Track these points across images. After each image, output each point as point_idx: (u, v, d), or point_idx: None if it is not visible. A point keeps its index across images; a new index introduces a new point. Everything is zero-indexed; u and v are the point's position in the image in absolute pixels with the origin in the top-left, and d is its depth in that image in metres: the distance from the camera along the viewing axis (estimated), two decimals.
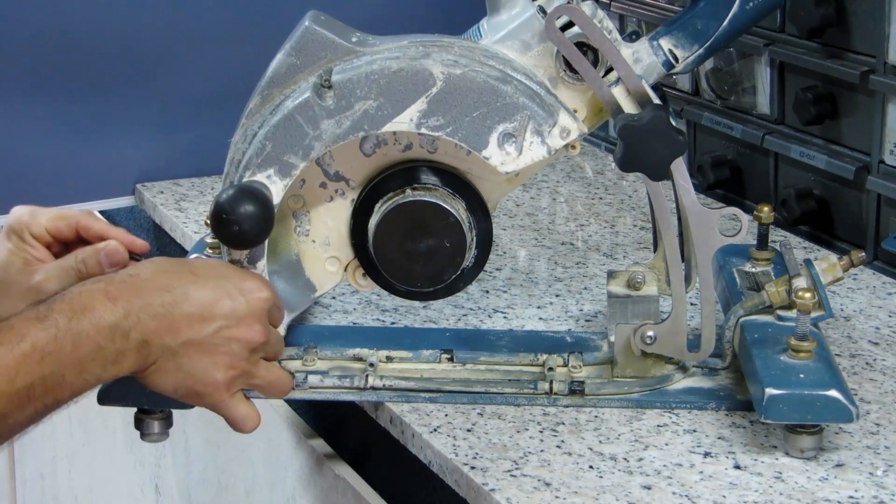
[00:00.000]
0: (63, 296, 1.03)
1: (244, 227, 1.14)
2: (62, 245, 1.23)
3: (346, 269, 1.27)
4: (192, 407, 1.24)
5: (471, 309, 1.47)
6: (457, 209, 1.21)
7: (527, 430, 1.22)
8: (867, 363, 1.34)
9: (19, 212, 1.23)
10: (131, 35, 1.87)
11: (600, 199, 1.82)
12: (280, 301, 1.16)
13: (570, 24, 1.19)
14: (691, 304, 1.36)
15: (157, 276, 1.08)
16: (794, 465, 1.16)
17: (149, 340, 1.05)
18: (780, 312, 1.27)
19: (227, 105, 1.40)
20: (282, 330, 1.24)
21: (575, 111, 1.21)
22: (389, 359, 1.32)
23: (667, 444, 1.20)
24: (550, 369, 1.29)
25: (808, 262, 1.29)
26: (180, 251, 1.75)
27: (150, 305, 1.05)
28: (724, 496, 1.12)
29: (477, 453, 1.18)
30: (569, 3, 1.20)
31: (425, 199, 1.21)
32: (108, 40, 1.85)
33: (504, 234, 1.69)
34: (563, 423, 1.23)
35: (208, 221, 1.21)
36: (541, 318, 1.45)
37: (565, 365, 1.31)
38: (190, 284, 1.08)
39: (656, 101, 1.20)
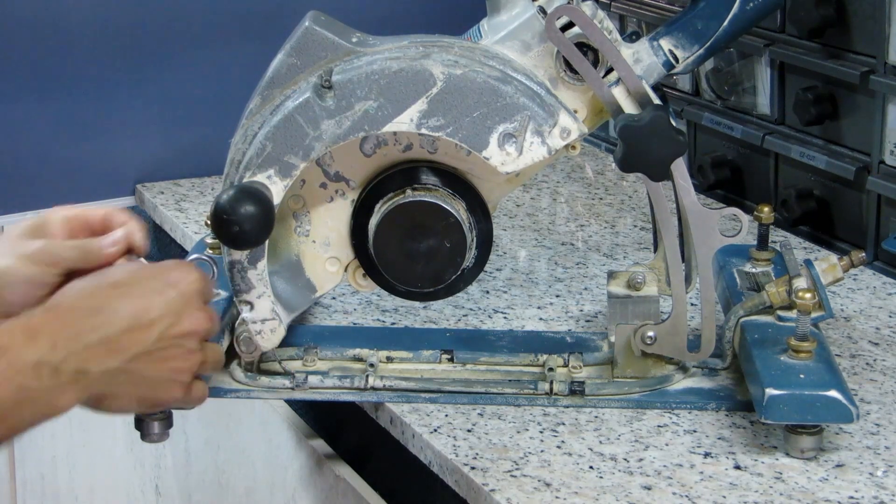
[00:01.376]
0: None
1: (244, 227, 1.14)
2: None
3: (346, 270, 1.27)
4: (192, 407, 1.24)
5: (471, 309, 1.47)
6: (457, 209, 1.21)
7: (527, 430, 1.22)
8: (867, 363, 1.34)
9: (55, 210, 1.17)
10: (132, 35, 1.87)
11: (600, 199, 1.82)
12: (205, 275, 1.11)
13: (570, 25, 1.19)
14: (691, 304, 1.36)
15: (81, 300, 1.02)
16: (795, 466, 1.16)
17: (86, 370, 0.99)
18: (780, 313, 1.27)
19: (228, 105, 1.40)
20: (282, 330, 1.24)
21: (575, 111, 1.21)
22: (390, 359, 1.32)
23: (667, 445, 1.20)
24: (551, 370, 1.29)
25: (808, 263, 1.29)
26: (180, 251, 1.75)
27: (81, 333, 0.99)
28: (724, 496, 1.12)
29: (477, 454, 1.18)
30: (569, 3, 1.20)
31: (425, 199, 1.21)
32: (108, 40, 1.85)
33: (504, 235, 1.69)
34: (564, 424, 1.23)
35: (208, 222, 1.21)
36: (541, 319, 1.45)
37: (565, 365, 1.31)
38: (116, 298, 1.03)
39: (656, 101, 1.20)
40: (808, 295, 1.19)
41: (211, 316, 1.09)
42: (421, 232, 1.21)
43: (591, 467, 1.16)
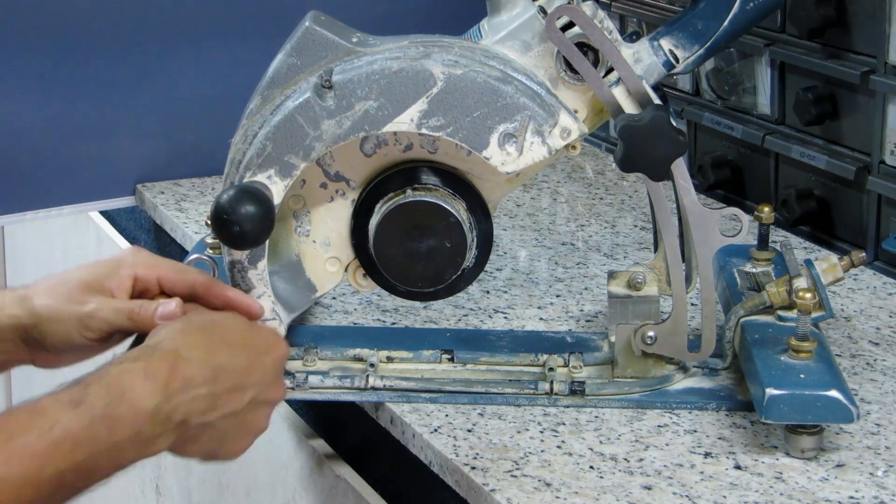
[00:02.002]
0: (99, 376, 0.98)
1: (245, 227, 1.14)
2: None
3: (346, 270, 1.27)
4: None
5: (471, 309, 1.47)
6: (457, 209, 1.21)
7: (527, 430, 1.22)
8: (868, 363, 1.34)
9: (133, 254, 1.17)
10: (132, 35, 1.87)
11: (601, 199, 1.82)
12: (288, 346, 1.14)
13: (570, 25, 1.19)
14: (692, 304, 1.36)
15: (195, 350, 1.04)
16: (795, 466, 1.16)
17: (188, 420, 1.01)
18: (780, 313, 1.27)
19: (228, 105, 1.40)
20: (282, 330, 1.24)
21: (575, 111, 1.21)
22: (390, 359, 1.32)
23: (667, 445, 1.20)
24: (551, 369, 1.29)
25: (808, 263, 1.29)
26: (181, 251, 1.75)
27: (192, 385, 1.01)
28: (724, 496, 1.12)
29: (477, 454, 1.18)
30: (569, 3, 1.20)
31: (426, 199, 1.21)
32: (108, 40, 1.85)
33: (504, 235, 1.69)
34: (564, 424, 1.23)
35: (209, 222, 1.21)
36: (541, 319, 1.45)
37: (566, 365, 1.31)
38: (227, 358, 1.05)
39: (657, 101, 1.20)
40: (808, 295, 1.19)
41: (283, 386, 1.12)
42: (421, 232, 1.21)
43: (591, 467, 1.16)
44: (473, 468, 1.16)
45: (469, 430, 1.22)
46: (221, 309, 1.15)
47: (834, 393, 1.15)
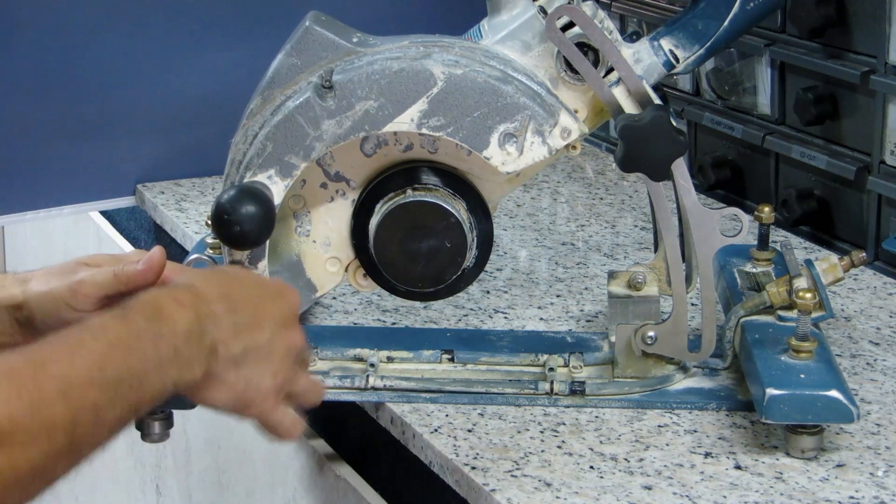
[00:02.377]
0: (135, 300, 1.00)
1: (245, 227, 1.14)
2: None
3: (346, 270, 1.27)
4: (192, 407, 1.23)
5: (471, 309, 1.47)
6: (457, 209, 1.21)
7: (527, 430, 1.22)
8: (868, 363, 1.34)
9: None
10: (132, 35, 1.87)
11: (601, 199, 1.82)
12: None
13: (570, 25, 1.19)
14: (692, 304, 1.36)
15: (212, 286, 1.05)
16: (795, 466, 1.16)
17: (216, 348, 1.02)
18: (780, 313, 1.27)
19: (228, 105, 1.40)
20: None
21: (576, 111, 1.21)
22: (390, 359, 1.32)
23: (667, 445, 1.20)
24: (551, 369, 1.29)
25: (808, 263, 1.29)
26: (181, 251, 1.75)
27: (216, 314, 1.02)
28: (724, 496, 1.12)
29: (478, 454, 1.18)
30: (569, 3, 1.20)
31: (426, 199, 1.21)
32: (109, 40, 1.85)
33: (505, 235, 1.69)
34: (564, 424, 1.23)
35: (209, 222, 1.21)
36: (541, 319, 1.45)
37: (566, 365, 1.31)
38: (240, 291, 1.06)
39: (657, 101, 1.20)
40: (808, 295, 1.19)
41: (302, 336, 1.11)
42: (421, 232, 1.21)
43: (591, 467, 1.16)
44: (474, 468, 1.16)
45: (469, 430, 1.22)
46: None
47: (834, 393, 1.15)
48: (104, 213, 2.08)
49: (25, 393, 0.88)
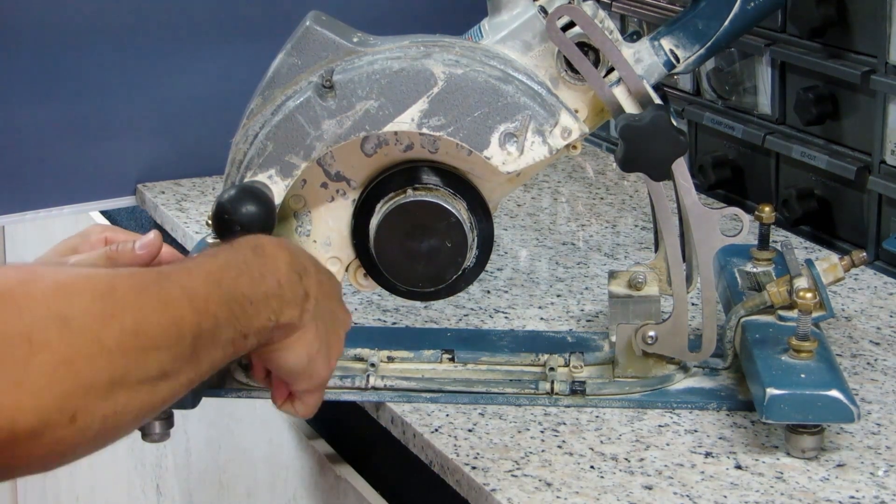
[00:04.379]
0: (238, 238, 1.03)
1: (246, 227, 1.14)
2: None
3: (347, 270, 1.27)
4: (193, 407, 1.24)
5: (472, 309, 1.47)
6: (458, 209, 1.21)
7: (528, 430, 1.22)
8: (868, 363, 1.35)
9: (101, 226, 1.19)
10: (132, 35, 1.87)
11: (601, 199, 1.82)
12: None
13: (571, 25, 1.19)
14: (692, 304, 1.36)
15: (294, 248, 1.07)
16: (796, 466, 1.16)
17: (309, 294, 1.03)
18: (781, 312, 1.27)
19: (228, 105, 1.40)
20: None
21: (576, 111, 1.21)
22: (391, 359, 1.32)
23: (668, 445, 1.20)
24: (552, 369, 1.29)
25: (809, 263, 1.29)
26: (181, 251, 1.75)
27: (306, 267, 1.04)
28: (725, 496, 1.12)
29: (478, 453, 1.18)
30: (570, 3, 1.20)
31: (426, 199, 1.21)
32: (108, 40, 1.85)
33: (505, 235, 1.69)
34: (565, 424, 1.23)
35: (210, 221, 1.21)
36: (542, 319, 1.45)
37: (566, 365, 1.31)
38: (307, 259, 1.08)
39: (657, 101, 1.20)
40: (808, 295, 1.19)
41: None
42: (422, 232, 1.21)
43: (592, 467, 1.16)
44: (474, 468, 1.16)
45: (470, 430, 1.22)
46: None
47: (835, 393, 1.15)
48: (104, 213, 2.08)
49: (154, 296, 0.89)
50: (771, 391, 1.15)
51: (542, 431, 1.22)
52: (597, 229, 1.71)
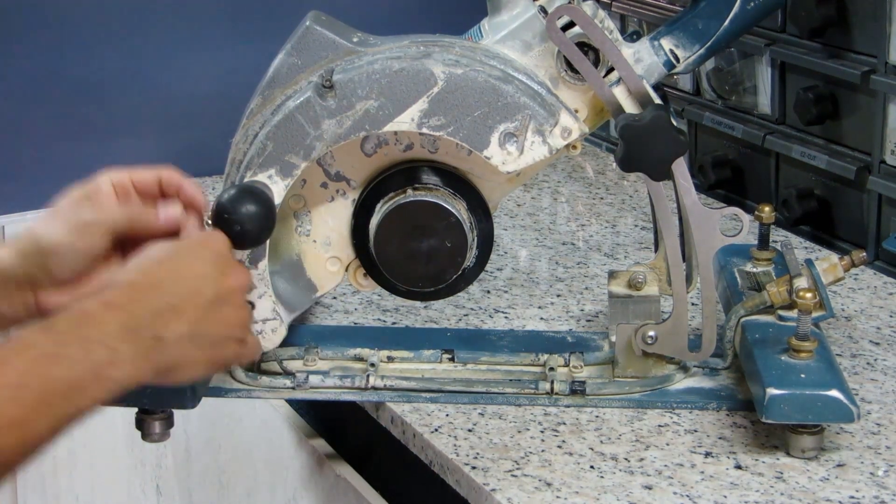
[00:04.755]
0: (63, 312, 1.00)
1: (246, 226, 1.14)
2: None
3: (347, 269, 1.27)
4: (193, 407, 1.24)
5: (472, 309, 1.47)
6: (458, 209, 1.21)
7: (528, 430, 1.22)
8: (868, 363, 1.34)
9: (107, 172, 1.19)
10: (132, 34, 1.87)
11: (601, 199, 1.82)
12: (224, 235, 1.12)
13: (571, 24, 1.19)
14: (692, 304, 1.36)
15: (139, 277, 1.04)
16: (796, 465, 1.16)
17: (161, 336, 1.01)
18: (781, 312, 1.27)
19: (228, 105, 1.40)
20: (283, 330, 1.24)
21: (576, 111, 1.21)
22: (390, 359, 1.32)
23: (668, 444, 1.20)
24: (551, 369, 1.29)
25: (809, 262, 1.29)
26: None
27: (149, 303, 1.02)
28: (725, 496, 1.12)
29: (478, 453, 1.18)
30: (570, 3, 1.20)
31: (426, 199, 1.21)
32: (109, 40, 1.85)
33: (505, 234, 1.69)
34: (565, 423, 1.23)
35: (210, 221, 1.21)
36: (542, 318, 1.45)
37: (566, 365, 1.31)
38: (168, 271, 1.05)
39: (657, 101, 1.20)
40: (808, 294, 1.19)
41: (245, 270, 1.10)
42: (422, 232, 1.21)
43: (591, 467, 1.16)
44: (474, 468, 1.16)
45: (469, 430, 1.22)
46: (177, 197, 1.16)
47: (834, 393, 1.15)
48: None
49: None
50: (771, 391, 1.15)
51: (542, 431, 1.22)
52: (597, 229, 1.71)
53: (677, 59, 1.23)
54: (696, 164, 1.82)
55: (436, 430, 1.22)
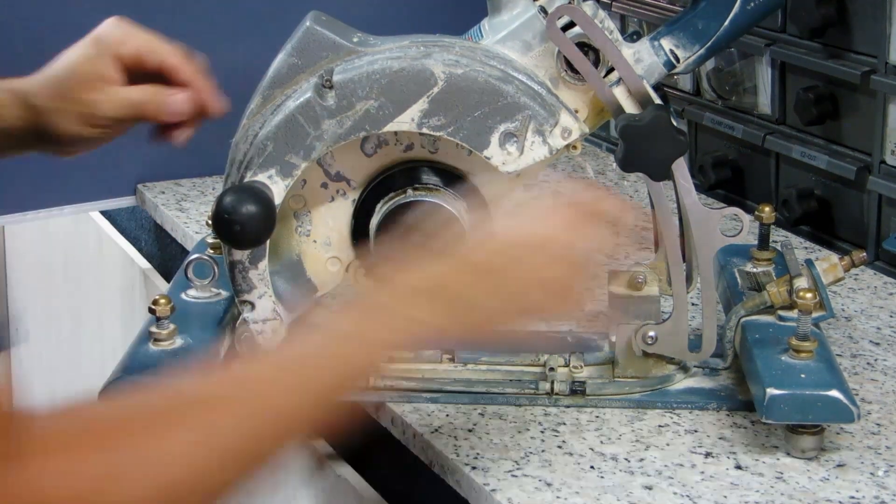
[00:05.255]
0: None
1: (246, 227, 1.14)
2: (137, 75, 1.22)
3: (347, 269, 1.27)
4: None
5: None
6: (458, 209, 1.21)
7: (528, 430, 1.22)
8: (868, 363, 1.34)
9: (112, 27, 1.21)
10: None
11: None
12: None
13: (571, 25, 1.19)
14: (692, 304, 1.36)
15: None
16: (796, 466, 1.16)
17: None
18: (781, 313, 1.27)
19: (228, 105, 1.40)
20: (283, 330, 1.24)
21: (576, 111, 1.21)
22: (391, 359, 1.32)
23: (668, 445, 1.20)
24: (552, 369, 1.29)
25: (809, 263, 1.29)
26: (181, 251, 1.75)
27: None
28: (725, 496, 1.12)
29: (478, 454, 1.18)
30: (570, 3, 1.20)
31: (426, 199, 1.21)
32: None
33: None
34: (565, 424, 1.23)
35: (210, 221, 1.21)
36: (542, 318, 1.44)
37: (566, 365, 1.31)
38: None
39: (657, 101, 1.20)
40: (808, 295, 1.19)
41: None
42: (422, 232, 1.21)
43: (592, 467, 1.16)
44: (474, 468, 1.16)
45: (470, 430, 1.22)
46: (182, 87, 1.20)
47: (834, 393, 1.15)
48: (104, 213, 2.08)
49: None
50: (771, 391, 1.15)
51: (542, 431, 1.22)
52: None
53: (677, 60, 1.23)
54: (696, 164, 1.82)
55: (436, 430, 1.22)
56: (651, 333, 1.26)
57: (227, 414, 0.84)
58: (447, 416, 1.24)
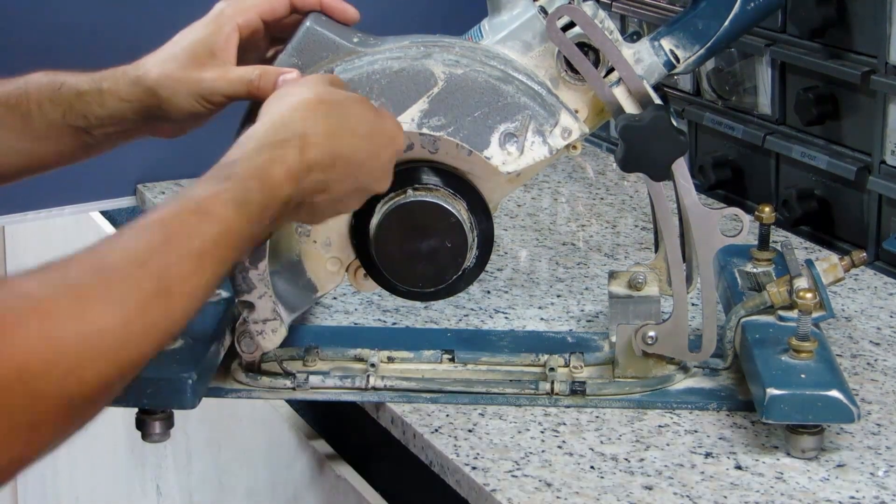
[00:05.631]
0: (252, 167, 1.02)
1: None
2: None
3: (347, 270, 1.27)
4: (193, 407, 1.24)
5: (472, 309, 1.47)
6: (458, 210, 1.21)
7: (528, 430, 1.22)
8: (868, 363, 1.34)
9: (230, 5, 1.24)
10: (132, 34, 1.86)
11: (601, 199, 1.82)
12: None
13: (571, 25, 1.20)
14: (692, 304, 1.36)
15: (320, 136, 1.06)
16: (796, 466, 1.16)
17: (302, 202, 1.06)
18: (781, 313, 1.27)
19: (228, 105, 1.40)
20: (283, 331, 1.24)
21: (576, 111, 1.21)
22: (391, 359, 1.32)
23: (668, 445, 1.20)
24: (552, 370, 1.29)
25: (809, 263, 1.29)
26: None
27: (312, 172, 1.05)
28: (725, 496, 1.12)
29: (478, 454, 1.18)
30: (570, 3, 1.20)
31: (426, 199, 1.21)
32: (109, 40, 1.85)
33: (505, 235, 1.69)
34: (565, 424, 1.23)
35: None
36: (542, 319, 1.45)
37: (566, 365, 1.31)
38: (348, 146, 1.08)
39: (657, 101, 1.20)
40: (809, 295, 1.19)
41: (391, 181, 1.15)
42: (422, 232, 1.21)
43: (592, 467, 1.16)
44: (474, 468, 1.16)
45: (470, 431, 1.22)
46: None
47: (835, 393, 1.15)
48: (104, 213, 2.08)
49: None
50: (771, 391, 1.15)
51: (542, 432, 1.22)
52: (597, 229, 1.71)
53: (677, 60, 1.23)
54: (697, 164, 1.82)
55: (436, 430, 1.22)
56: (651, 333, 1.26)
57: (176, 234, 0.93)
58: (447, 416, 1.24)
